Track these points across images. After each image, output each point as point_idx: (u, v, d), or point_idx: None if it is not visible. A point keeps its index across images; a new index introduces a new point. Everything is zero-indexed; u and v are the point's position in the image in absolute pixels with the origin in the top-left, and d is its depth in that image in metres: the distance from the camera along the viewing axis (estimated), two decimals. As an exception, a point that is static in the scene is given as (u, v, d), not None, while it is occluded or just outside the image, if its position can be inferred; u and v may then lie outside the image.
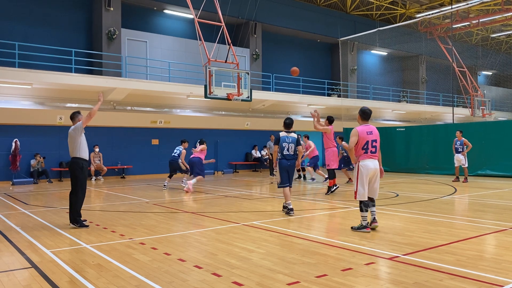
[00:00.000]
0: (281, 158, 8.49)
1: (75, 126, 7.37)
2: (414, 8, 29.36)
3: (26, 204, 10.53)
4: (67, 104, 17.39)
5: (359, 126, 6.76)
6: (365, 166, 6.59)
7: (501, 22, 27.31)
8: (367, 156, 6.61)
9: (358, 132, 6.63)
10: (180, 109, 20.39)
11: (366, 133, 6.62)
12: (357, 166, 6.67)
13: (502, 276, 4.35)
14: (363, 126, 6.72)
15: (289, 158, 8.44)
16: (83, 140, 7.38)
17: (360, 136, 6.60)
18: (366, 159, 6.61)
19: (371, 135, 6.64)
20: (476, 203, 9.86)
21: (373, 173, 6.65)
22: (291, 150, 8.45)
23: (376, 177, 6.71)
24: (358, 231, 6.61)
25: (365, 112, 6.81)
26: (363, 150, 6.61)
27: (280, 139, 8.49)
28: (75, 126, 7.37)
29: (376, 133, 6.73)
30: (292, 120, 8.80)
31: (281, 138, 8.50)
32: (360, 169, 6.62)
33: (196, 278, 4.39)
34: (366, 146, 6.60)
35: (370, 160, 6.62)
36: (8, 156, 16.17)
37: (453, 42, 28.82)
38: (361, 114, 6.83)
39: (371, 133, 6.65)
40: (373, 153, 6.64)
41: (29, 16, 18.44)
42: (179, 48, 21.73)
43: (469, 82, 28.19)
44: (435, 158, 19.03)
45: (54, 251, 5.63)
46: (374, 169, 6.64)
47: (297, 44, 27.36)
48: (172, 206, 9.89)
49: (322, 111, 25.60)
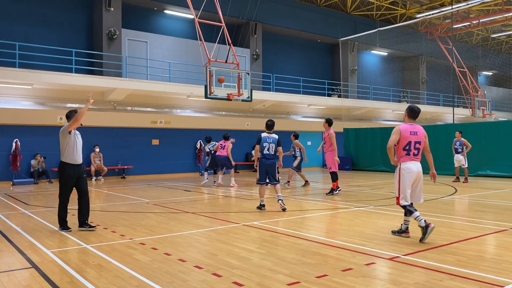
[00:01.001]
0: (261, 157, 8.96)
1: (63, 127, 7.05)
2: (415, 8, 29.36)
3: (26, 204, 10.53)
4: (68, 105, 17.40)
5: (403, 124, 6.19)
6: (408, 169, 6.01)
7: (502, 22, 27.28)
8: (409, 158, 6.03)
9: (400, 130, 6.02)
10: (181, 109, 20.39)
11: (410, 132, 6.03)
12: (399, 169, 6.09)
13: (502, 276, 4.34)
14: (408, 125, 6.13)
15: (269, 158, 8.90)
16: (70, 143, 6.93)
17: (402, 135, 6.00)
18: (408, 161, 6.03)
19: (414, 136, 6.05)
20: (477, 204, 9.86)
21: (416, 177, 6.09)
22: (272, 150, 8.89)
23: (419, 181, 6.16)
24: (398, 235, 6.29)
25: (413, 110, 6.21)
26: (404, 151, 6.03)
27: (261, 139, 8.90)
28: (62, 128, 7.05)
29: (422, 134, 6.14)
30: (274, 122, 9.18)
31: (262, 138, 8.91)
32: (402, 172, 6.04)
33: (197, 278, 4.39)
34: (408, 147, 6.01)
35: (413, 163, 6.05)
36: (8, 156, 16.17)
37: (454, 42, 28.81)
38: (408, 112, 6.23)
39: (415, 134, 6.07)
40: (416, 155, 6.07)
41: (29, 16, 18.45)
42: (180, 48, 21.74)
43: (469, 82, 28.18)
44: (435, 159, 18.77)
45: (55, 251, 5.63)
46: (417, 172, 6.08)
47: (298, 44, 27.36)
48: (173, 206, 9.89)
49: (323, 111, 25.68)
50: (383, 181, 16.09)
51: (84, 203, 7.05)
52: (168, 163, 20.04)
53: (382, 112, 28.59)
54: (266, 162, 8.93)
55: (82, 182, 7.07)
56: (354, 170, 22.62)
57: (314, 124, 25.05)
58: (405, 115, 6.30)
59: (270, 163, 8.93)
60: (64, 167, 6.95)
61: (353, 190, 12.95)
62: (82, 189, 7.06)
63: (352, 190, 12.96)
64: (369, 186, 14.08)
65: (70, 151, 6.97)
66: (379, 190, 12.81)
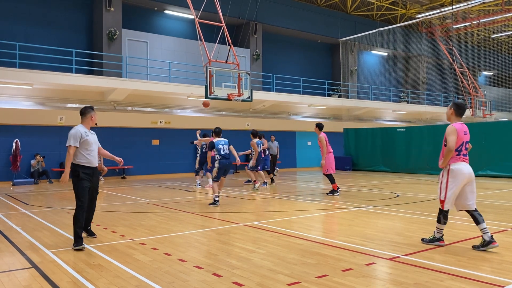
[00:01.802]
0: (221, 158, 9.90)
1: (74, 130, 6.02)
2: (415, 8, 29.36)
3: (26, 204, 10.53)
4: (68, 105, 17.41)
5: (455, 123, 5.66)
6: (459, 170, 5.55)
7: (502, 22, 27.28)
8: (460, 158, 5.61)
9: (456, 130, 5.56)
10: (181, 110, 20.40)
11: (463, 132, 5.62)
12: (447, 171, 5.63)
13: (503, 276, 4.34)
14: (460, 124, 5.67)
15: (227, 157, 9.92)
16: (82, 144, 5.99)
17: (458, 136, 5.56)
18: (459, 161, 5.59)
19: (466, 136, 5.66)
20: (477, 204, 9.81)
21: (468, 179, 5.62)
22: (227, 150, 9.95)
23: (472, 183, 5.69)
24: (430, 244, 5.76)
25: (461, 107, 5.73)
26: (456, 151, 5.59)
27: (214, 144, 9.97)
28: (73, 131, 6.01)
29: (468, 133, 5.76)
30: (221, 129, 10.37)
31: (215, 143, 9.97)
32: (453, 173, 5.57)
33: (197, 279, 4.39)
34: (460, 148, 5.60)
35: (464, 164, 5.62)
36: (8, 156, 16.17)
37: (454, 43, 28.81)
38: (455, 109, 5.71)
39: (466, 133, 5.67)
40: (465, 156, 5.68)
41: (29, 16, 18.46)
42: (180, 49, 21.74)
43: (469, 83, 28.18)
44: (435, 159, 18.92)
45: (55, 251, 5.63)
46: (469, 174, 5.61)
47: (298, 44, 27.37)
48: (173, 206, 9.88)
49: (323, 111, 25.68)
50: (383, 181, 16.09)
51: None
52: (168, 163, 20.04)
53: (382, 112, 28.59)
54: (226, 162, 9.90)
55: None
56: (354, 170, 22.62)
57: (314, 124, 25.04)
58: (452, 113, 5.75)
59: (230, 162, 9.97)
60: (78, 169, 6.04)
61: (353, 190, 12.95)
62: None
63: (352, 190, 12.95)
64: (369, 186, 14.08)
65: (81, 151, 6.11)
66: (379, 190, 12.81)
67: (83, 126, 6.15)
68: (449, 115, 5.80)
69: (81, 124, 6.18)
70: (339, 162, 23.66)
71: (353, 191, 12.71)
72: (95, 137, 6.26)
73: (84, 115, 6.22)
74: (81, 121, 6.22)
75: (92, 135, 6.18)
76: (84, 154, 5.97)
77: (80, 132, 6.00)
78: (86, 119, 6.20)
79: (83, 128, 6.11)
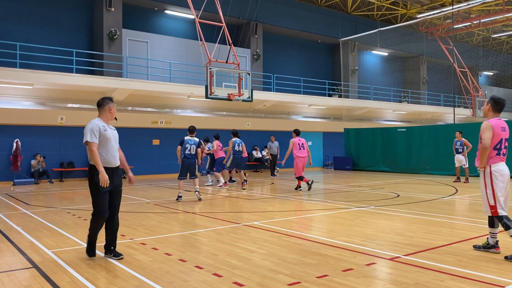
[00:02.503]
0: (183, 157, 10.51)
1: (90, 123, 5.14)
2: (415, 8, 29.35)
3: (27, 204, 10.54)
4: (68, 105, 17.41)
5: (492, 119, 5.26)
6: (500, 171, 5.14)
7: (502, 22, 27.26)
8: (500, 158, 5.18)
9: (492, 126, 5.13)
10: (181, 110, 20.40)
11: (501, 128, 5.17)
12: (489, 172, 5.17)
13: (503, 276, 4.34)
14: (497, 119, 5.24)
15: (190, 157, 10.50)
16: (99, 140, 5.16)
17: (495, 132, 5.12)
18: (499, 162, 5.17)
19: (504, 132, 5.22)
20: (477, 204, 9.85)
21: (507, 181, 5.19)
22: (193, 150, 10.49)
23: (508, 186, 5.23)
24: (485, 250, 5.34)
25: (499, 102, 5.27)
26: (495, 150, 5.16)
27: (184, 141, 10.54)
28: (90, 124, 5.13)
29: (508, 130, 5.30)
30: (195, 127, 10.86)
31: (185, 140, 10.54)
32: (495, 175, 5.13)
33: (197, 279, 4.39)
34: (499, 146, 5.17)
35: (503, 164, 5.20)
36: (9, 156, 16.18)
37: (454, 43, 28.78)
38: (493, 105, 5.28)
39: (504, 130, 5.22)
40: (505, 155, 5.23)
41: (30, 16, 18.46)
42: (180, 49, 21.75)
43: (470, 83, 28.15)
44: (436, 159, 19.03)
45: (55, 251, 5.64)
46: (508, 175, 5.20)
47: (298, 44, 27.36)
48: (173, 206, 9.89)
49: (323, 111, 25.68)
50: (384, 181, 16.08)
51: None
52: (168, 163, 20.02)
53: (382, 112, 28.58)
54: (187, 161, 10.50)
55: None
56: (355, 170, 22.62)
57: (314, 124, 25.06)
58: (489, 109, 5.32)
59: (191, 162, 10.55)
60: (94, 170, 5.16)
61: (353, 190, 12.95)
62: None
63: (353, 190, 12.95)
64: (370, 186, 14.08)
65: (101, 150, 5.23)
66: (379, 190, 12.81)
67: (101, 119, 5.28)
68: (485, 111, 5.37)
69: (98, 117, 5.31)
70: (340, 162, 23.73)
71: (353, 191, 12.71)
72: (115, 133, 5.40)
73: (101, 106, 5.33)
74: (98, 114, 5.35)
75: (111, 130, 5.33)
76: (100, 152, 5.11)
77: (98, 125, 5.14)
78: (104, 111, 5.33)
79: (101, 121, 5.24)
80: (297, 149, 12.64)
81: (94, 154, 5.03)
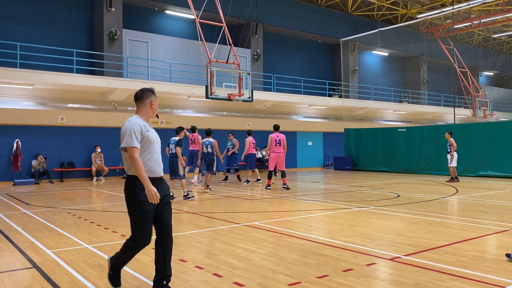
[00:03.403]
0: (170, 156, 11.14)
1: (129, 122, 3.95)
2: (415, 8, 29.35)
3: (27, 204, 10.54)
4: (69, 105, 17.42)
5: None
6: None
7: (503, 22, 27.27)
8: None
9: None
10: (181, 110, 20.40)
11: None
12: None
13: (503, 277, 4.34)
14: None
15: (171, 156, 11.04)
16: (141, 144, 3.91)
17: None
18: None
19: None
20: (478, 204, 9.85)
21: None
22: (173, 150, 10.95)
23: None
24: None
25: None
26: None
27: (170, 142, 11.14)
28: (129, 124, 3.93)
29: None
30: (180, 128, 11.07)
31: (170, 140, 11.12)
32: None
33: (197, 279, 4.40)
34: None
35: None
36: (9, 156, 16.18)
37: (455, 43, 28.79)
38: None
39: None
40: None
41: (30, 16, 18.47)
42: (180, 49, 21.75)
43: (470, 83, 28.16)
44: (436, 159, 19.03)
45: (56, 251, 5.64)
46: None
47: (298, 44, 27.37)
48: (173, 206, 9.87)
49: (323, 111, 25.67)
50: (384, 181, 16.08)
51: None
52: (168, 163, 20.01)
53: (383, 113, 28.58)
54: (169, 160, 11.00)
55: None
56: (355, 170, 22.62)
57: (315, 124, 25.06)
58: None
59: (172, 160, 10.99)
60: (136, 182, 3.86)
61: (354, 191, 12.95)
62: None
63: (353, 191, 12.95)
64: (370, 186, 14.08)
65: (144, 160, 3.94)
66: (380, 191, 12.81)
67: (140, 117, 4.09)
68: None
69: (137, 115, 4.12)
70: (340, 162, 23.73)
71: (354, 191, 12.71)
72: (156, 134, 4.17)
73: (141, 100, 4.14)
74: (137, 110, 4.17)
75: (153, 130, 4.15)
76: (142, 158, 3.87)
77: (140, 125, 3.92)
78: (145, 107, 4.16)
79: (141, 120, 4.04)
80: (273, 145, 13.57)
81: (137, 162, 3.74)
